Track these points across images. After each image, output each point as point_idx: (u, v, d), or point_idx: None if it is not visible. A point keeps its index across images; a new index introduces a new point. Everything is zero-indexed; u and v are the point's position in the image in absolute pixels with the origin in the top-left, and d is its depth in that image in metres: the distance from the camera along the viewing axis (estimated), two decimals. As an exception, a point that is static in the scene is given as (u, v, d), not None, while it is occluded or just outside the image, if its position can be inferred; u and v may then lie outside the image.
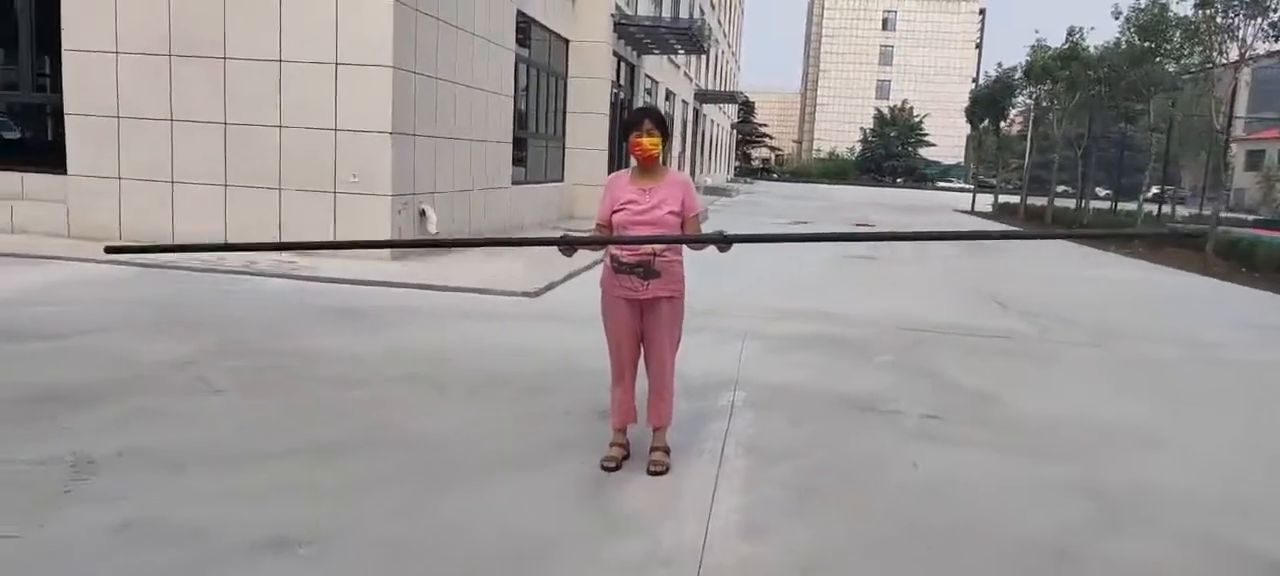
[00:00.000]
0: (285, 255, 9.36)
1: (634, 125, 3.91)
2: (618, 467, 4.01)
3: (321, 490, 3.66)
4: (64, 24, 10.03)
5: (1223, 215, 18.12)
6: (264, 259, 9.16)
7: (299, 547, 3.11)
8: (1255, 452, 5.01)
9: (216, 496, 3.51)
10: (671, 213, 3.86)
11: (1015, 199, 32.42)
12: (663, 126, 3.93)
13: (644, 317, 3.97)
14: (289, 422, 4.53)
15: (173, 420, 4.41)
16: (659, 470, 3.99)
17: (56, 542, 3.06)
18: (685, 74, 32.02)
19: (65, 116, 10.19)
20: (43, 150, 10.88)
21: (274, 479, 3.75)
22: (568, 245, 3.70)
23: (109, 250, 3.42)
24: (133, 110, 10.03)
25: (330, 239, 9.77)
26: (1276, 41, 15.96)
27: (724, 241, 3.52)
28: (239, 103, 9.88)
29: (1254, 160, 46.15)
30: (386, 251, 9.63)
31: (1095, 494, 4.08)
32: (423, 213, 10.59)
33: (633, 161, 4.00)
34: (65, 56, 10.09)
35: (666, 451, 4.09)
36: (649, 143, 3.87)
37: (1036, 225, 25.45)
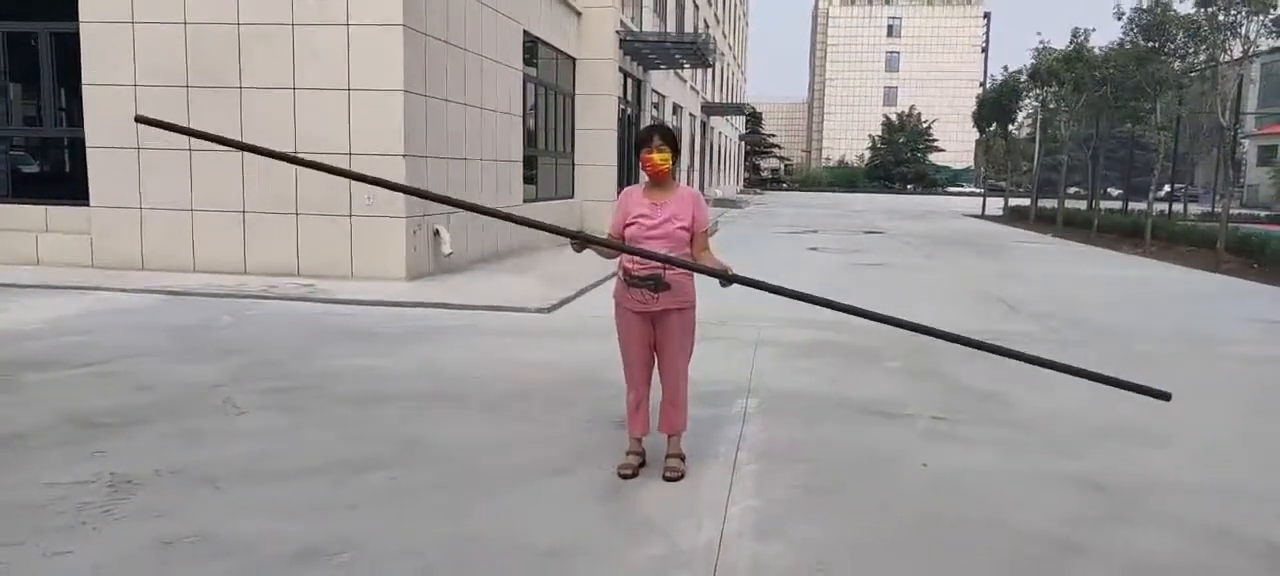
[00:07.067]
0: (304, 281, 9.70)
1: (645, 142, 4.07)
2: (634, 475, 4.14)
3: (352, 502, 3.82)
4: (84, 59, 10.31)
5: (1234, 212, 18.09)
6: (285, 283, 9.42)
7: (333, 557, 3.27)
8: (1256, 445, 5.10)
9: (254, 511, 3.68)
10: (682, 227, 4.01)
11: (1026, 202, 32.43)
12: (673, 142, 4.09)
13: (656, 329, 4.12)
14: (318, 439, 4.69)
15: (207, 440, 4.58)
16: (674, 476, 4.13)
17: (107, 559, 3.22)
18: (691, 88, 32.23)
19: (87, 149, 10.45)
20: (66, 183, 11.14)
21: (307, 492, 3.91)
22: (581, 241, 3.83)
23: (138, 120, 3.57)
24: (152, 141, 10.26)
25: (347, 250, 10.03)
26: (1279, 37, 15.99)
27: (728, 280, 3.67)
28: (255, 131, 10.10)
29: (1265, 156, 45.94)
30: (400, 276, 9.92)
31: (1100, 487, 4.20)
32: (437, 233, 10.78)
33: (644, 177, 4.16)
34: (86, 91, 10.36)
35: (682, 457, 4.23)
36: (659, 158, 4.02)
37: (1046, 227, 25.44)
